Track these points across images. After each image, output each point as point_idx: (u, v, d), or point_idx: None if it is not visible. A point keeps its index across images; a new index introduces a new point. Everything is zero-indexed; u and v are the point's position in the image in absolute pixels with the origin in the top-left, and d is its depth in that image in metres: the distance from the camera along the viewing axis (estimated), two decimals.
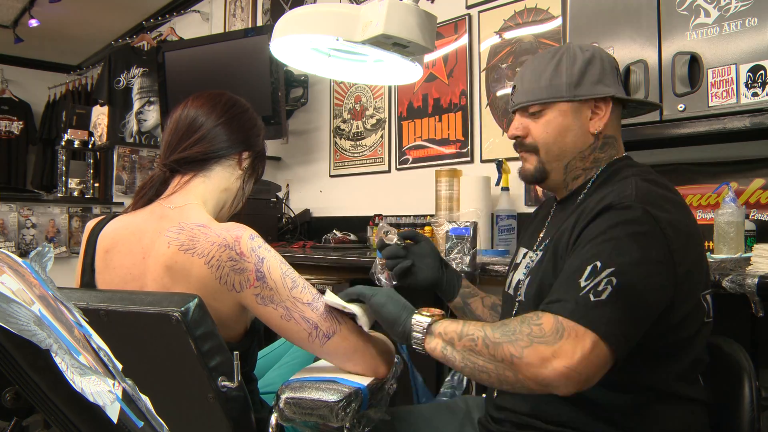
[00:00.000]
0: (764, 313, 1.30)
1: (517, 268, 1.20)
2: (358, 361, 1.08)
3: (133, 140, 4.17)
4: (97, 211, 3.89)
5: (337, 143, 3.45)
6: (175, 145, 1.22)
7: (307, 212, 3.55)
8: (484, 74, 2.63)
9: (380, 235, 1.26)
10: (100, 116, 4.42)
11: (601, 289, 0.85)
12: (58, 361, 0.48)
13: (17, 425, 0.60)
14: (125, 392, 0.53)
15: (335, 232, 3.09)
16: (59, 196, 4.09)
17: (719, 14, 1.57)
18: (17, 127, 6.40)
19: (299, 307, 1.05)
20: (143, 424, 0.54)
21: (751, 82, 1.51)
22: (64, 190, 4.18)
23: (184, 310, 0.96)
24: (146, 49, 4.39)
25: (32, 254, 0.59)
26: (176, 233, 1.08)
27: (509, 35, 2.56)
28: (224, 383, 1.00)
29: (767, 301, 1.31)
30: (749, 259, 1.51)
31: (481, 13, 2.69)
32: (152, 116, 4.23)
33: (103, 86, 4.26)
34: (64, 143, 4.31)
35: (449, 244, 1.95)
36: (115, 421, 0.50)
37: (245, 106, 1.29)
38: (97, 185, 4.48)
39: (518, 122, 1.14)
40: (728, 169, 1.91)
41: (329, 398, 0.97)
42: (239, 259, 1.04)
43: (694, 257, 0.95)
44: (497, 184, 2.32)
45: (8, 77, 6.50)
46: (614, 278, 0.85)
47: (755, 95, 1.50)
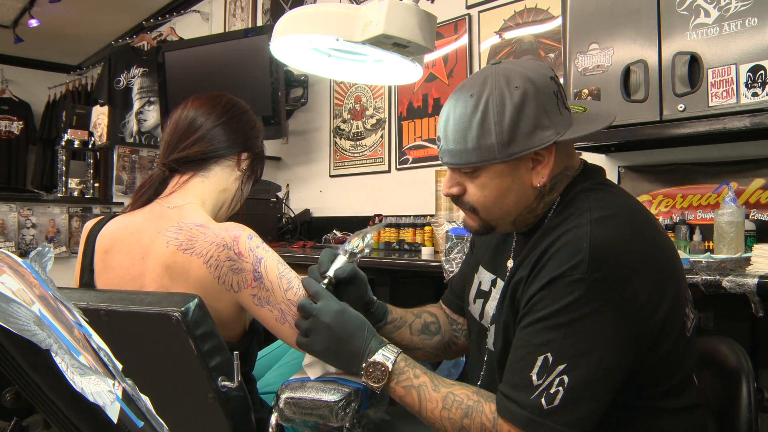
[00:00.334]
0: (764, 313, 1.30)
1: (488, 297, 1.12)
2: None
3: (133, 140, 4.17)
4: (97, 211, 3.90)
5: (337, 143, 3.45)
6: (174, 144, 1.22)
7: (307, 212, 3.55)
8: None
9: (350, 244, 1.12)
10: (100, 116, 4.43)
11: (553, 392, 0.84)
12: (58, 361, 0.48)
13: (17, 425, 0.60)
14: (125, 392, 0.53)
15: (335, 232, 3.09)
16: (59, 196, 4.09)
17: (719, 14, 1.57)
18: (17, 127, 6.40)
19: (293, 310, 1.05)
20: (143, 424, 0.54)
21: (751, 82, 1.51)
22: (64, 190, 4.19)
23: (184, 310, 0.96)
24: (146, 49, 4.39)
25: (32, 254, 0.59)
26: (175, 233, 1.08)
27: (509, 35, 2.56)
28: (224, 383, 1.00)
29: (767, 301, 1.31)
30: (749, 259, 1.51)
31: (481, 13, 2.69)
32: (152, 116, 4.23)
33: (103, 86, 4.26)
34: (64, 143, 4.31)
35: (449, 244, 1.95)
36: (115, 421, 0.50)
37: (245, 107, 1.29)
38: (97, 185, 4.49)
39: (452, 179, 1.02)
40: (728, 169, 1.91)
41: (329, 398, 0.97)
42: (237, 258, 1.04)
43: (671, 288, 0.90)
44: None
45: (8, 77, 6.50)
46: (566, 377, 0.84)
47: (755, 95, 1.50)
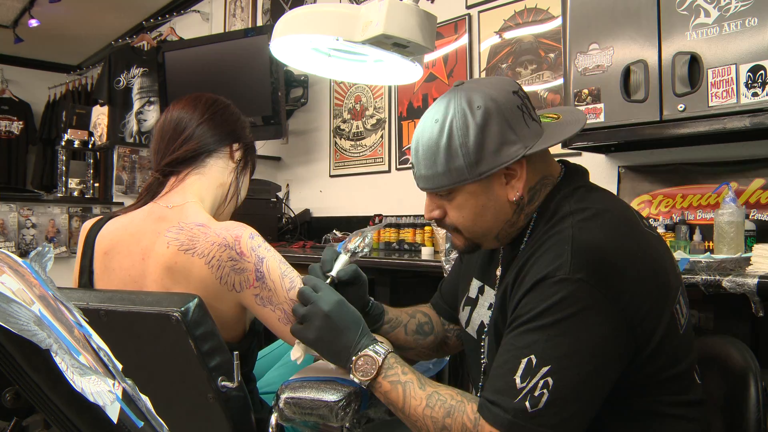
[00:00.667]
0: (764, 313, 1.30)
1: (475, 305, 1.13)
2: None
3: (133, 140, 4.17)
4: (97, 211, 3.90)
5: (337, 143, 3.45)
6: (163, 150, 1.22)
7: (307, 212, 3.55)
8: (484, 74, 2.63)
9: (350, 243, 1.13)
10: (100, 116, 4.42)
11: (537, 394, 0.83)
12: (58, 361, 0.48)
13: (17, 425, 0.60)
14: (125, 392, 0.53)
15: (335, 232, 3.09)
16: (59, 196, 4.09)
17: (719, 14, 1.57)
18: (17, 127, 6.40)
19: None
20: (143, 424, 0.54)
21: (751, 82, 1.51)
22: (64, 190, 4.19)
23: (184, 310, 0.96)
24: (146, 49, 4.39)
25: (32, 254, 0.59)
26: (176, 233, 1.08)
27: (509, 35, 2.56)
28: (224, 383, 1.00)
29: (767, 301, 1.31)
30: (749, 259, 1.51)
31: (481, 13, 2.69)
32: (152, 116, 4.23)
33: (103, 86, 4.26)
34: (64, 143, 4.31)
35: (449, 244, 1.95)
36: (115, 421, 0.50)
37: (226, 102, 1.30)
38: (97, 185, 4.49)
39: (431, 204, 1.05)
40: (728, 169, 1.91)
41: (329, 398, 0.97)
42: (239, 258, 1.04)
43: (655, 286, 0.90)
44: None
45: (8, 77, 6.50)
46: (551, 379, 0.83)
47: (755, 95, 1.50)
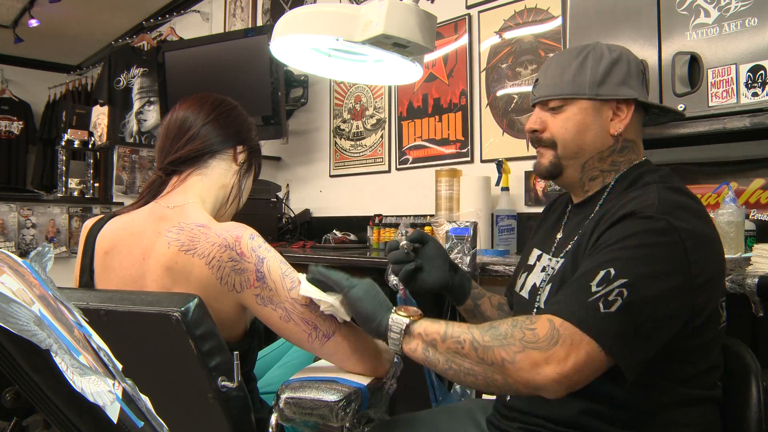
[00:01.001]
0: (764, 313, 1.30)
1: (531, 270, 1.17)
2: (357, 360, 1.08)
3: (133, 140, 4.17)
4: (97, 211, 3.90)
5: (337, 143, 3.45)
6: (168, 148, 1.22)
7: (307, 212, 3.55)
8: (484, 74, 2.63)
9: (396, 238, 1.25)
10: (100, 116, 4.42)
11: (612, 299, 0.83)
12: (58, 361, 0.48)
13: (17, 425, 0.60)
14: (125, 392, 0.53)
15: (335, 232, 3.09)
16: (59, 196, 4.09)
17: (719, 14, 1.57)
18: (17, 127, 6.40)
19: (298, 308, 1.05)
20: (143, 424, 0.54)
21: (751, 82, 1.51)
22: (64, 190, 4.18)
23: (184, 310, 0.96)
24: (146, 49, 4.39)
25: (32, 254, 0.59)
26: (176, 234, 1.08)
27: (509, 35, 2.56)
28: (224, 383, 1.00)
29: (767, 301, 1.31)
30: (749, 259, 1.51)
31: (481, 13, 2.69)
32: (152, 116, 4.23)
33: (103, 86, 4.26)
34: (64, 143, 4.31)
35: (449, 244, 1.95)
36: (115, 421, 0.50)
37: (233, 103, 1.30)
38: (97, 185, 4.49)
39: (537, 116, 1.12)
40: (728, 169, 1.91)
41: (329, 398, 0.97)
42: (240, 259, 1.04)
43: (713, 267, 0.93)
44: (497, 184, 2.32)
45: (8, 77, 6.50)
46: (626, 290, 0.83)
47: (755, 95, 1.50)
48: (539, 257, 1.17)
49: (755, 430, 0.99)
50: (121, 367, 0.56)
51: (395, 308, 0.99)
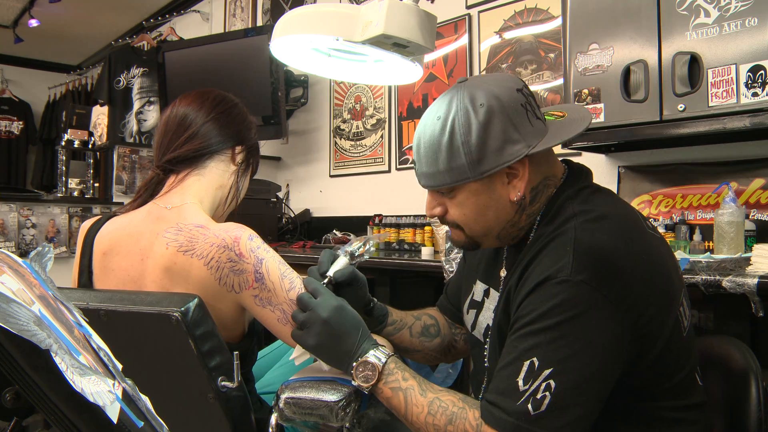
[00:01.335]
0: (764, 313, 1.30)
1: (480, 308, 1.13)
2: None
3: (133, 140, 4.17)
4: (97, 211, 3.90)
5: (337, 143, 3.45)
6: (166, 145, 1.21)
7: (307, 212, 3.55)
8: (484, 74, 2.63)
9: (345, 248, 1.12)
10: (100, 116, 4.42)
11: (540, 397, 0.82)
12: (58, 361, 0.48)
13: (17, 425, 0.60)
14: (125, 392, 0.53)
15: (335, 232, 3.09)
16: (59, 196, 4.09)
17: (719, 14, 1.57)
18: (17, 127, 6.40)
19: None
20: (143, 424, 0.54)
21: (751, 82, 1.51)
22: (64, 190, 4.18)
23: (184, 310, 0.96)
24: (146, 49, 4.39)
25: (32, 254, 0.59)
26: (174, 234, 1.08)
27: (509, 35, 2.56)
28: (224, 383, 1.00)
29: (767, 301, 1.31)
30: (749, 259, 1.51)
31: (481, 13, 2.69)
32: (152, 116, 4.23)
33: (103, 86, 4.26)
34: (64, 143, 4.31)
35: (449, 244, 1.95)
36: (115, 421, 0.50)
37: (234, 101, 1.28)
38: (97, 185, 4.49)
39: (433, 201, 1.04)
40: (728, 169, 1.91)
41: (329, 398, 0.97)
42: (238, 260, 1.04)
43: (657, 294, 0.89)
44: None
45: (8, 77, 6.50)
46: (553, 381, 0.82)
47: (755, 95, 1.50)
48: (486, 293, 1.12)
49: (755, 430, 0.99)
50: (121, 367, 0.56)
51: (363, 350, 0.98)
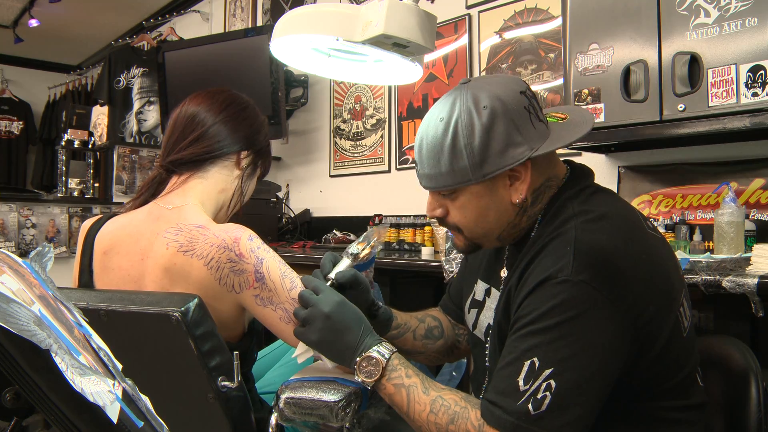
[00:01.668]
0: (764, 313, 1.30)
1: (482, 307, 1.13)
2: None
3: (133, 140, 4.17)
4: (96, 211, 3.90)
5: (337, 143, 3.45)
6: (171, 145, 1.20)
7: (307, 212, 3.55)
8: (484, 74, 2.63)
9: (350, 249, 1.12)
10: (100, 116, 4.43)
11: (540, 397, 0.83)
12: (58, 361, 0.48)
13: (17, 425, 0.60)
14: (125, 392, 0.53)
15: (335, 232, 3.09)
16: (59, 196, 4.09)
17: (719, 14, 1.57)
18: (17, 127, 6.40)
19: None
20: (143, 424, 0.54)
21: (751, 82, 1.51)
22: (64, 190, 4.19)
23: (184, 310, 0.96)
24: (146, 49, 4.39)
25: (32, 254, 0.59)
26: (174, 235, 1.08)
27: (509, 35, 2.56)
28: (224, 383, 1.00)
29: (767, 301, 1.31)
30: (749, 259, 1.51)
31: (481, 13, 2.69)
32: (152, 116, 4.24)
33: (103, 86, 4.26)
34: (64, 143, 4.31)
35: (449, 244, 1.96)
36: (115, 421, 0.50)
37: (244, 103, 1.26)
38: (97, 185, 4.49)
39: (434, 202, 1.03)
40: (728, 169, 1.91)
41: (329, 398, 0.97)
42: (238, 260, 1.04)
43: (657, 294, 0.90)
44: None
45: (8, 77, 6.50)
46: (553, 381, 0.82)
47: (755, 95, 1.50)
48: (488, 292, 1.12)
49: (755, 430, 0.99)
50: (121, 367, 0.56)
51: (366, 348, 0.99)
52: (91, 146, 4.34)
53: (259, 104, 1.32)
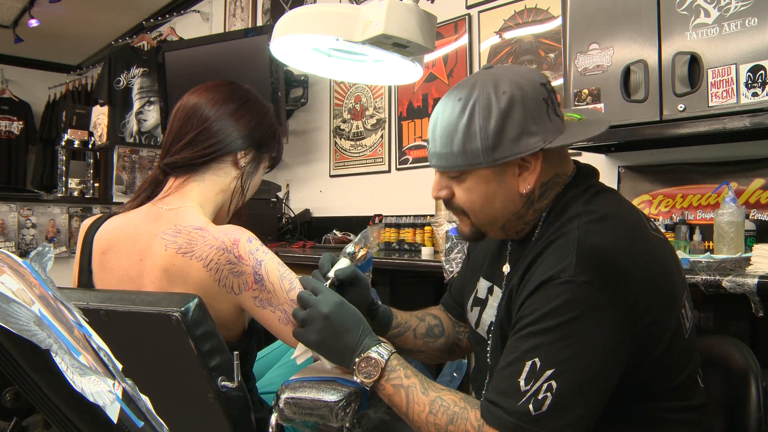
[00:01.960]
0: (764, 313, 1.30)
1: (484, 305, 1.13)
2: None
3: (133, 140, 4.17)
4: (96, 211, 3.90)
5: (337, 143, 3.45)
6: (168, 145, 1.19)
7: (307, 212, 3.55)
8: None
9: (347, 250, 1.12)
10: (100, 116, 4.43)
11: (541, 398, 0.82)
12: (58, 361, 0.48)
13: (17, 425, 0.60)
14: (125, 392, 0.53)
15: (335, 232, 3.09)
16: (59, 196, 4.09)
17: (719, 14, 1.57)
18: (17, 127, 6.40)
19: None
20: (143, 424, 0.54)
21: (751, 82, 1.51)
22: (64, 190, 4.19)
23: (184, 310, 0.96)
24: (146, 49, 4.39)
25: (32, 254, 0.59)
26: (173, 236, 1.07)
27: (509, 35, 2.56)
28: (224, 383, 1.00)
29: (767, 301, 1.31)
30: (749, 259, 1.51)
31: (481, 13, 2.69)
32: (152, 116, 4.24)
33: (103, 86, 4.26)
34: (64, 143, 4.31)
35: (449, 244, 1.96)
36: (115, 421, 0.50)
37: (245, 96, 1.23)
38: (97, 185, 4.49)
39: (441, 182, 1.03)
40: (728, 169, 1.91)
41: (329, 398, 0.97)
42: (237, 262, 1.04)
43: (659, 295, 0.90)
44: None
45: (8, 77, 6.50)
46: (554, 382, 0.82)
47: (755, 95, 1.50)
48: (490, 290, 1.12)
49: (755, 430, 0.99)
50: (121, 367, 0.56)
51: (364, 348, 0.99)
52: (91, 146, 4.34)
53: (257, 91, 1.31)
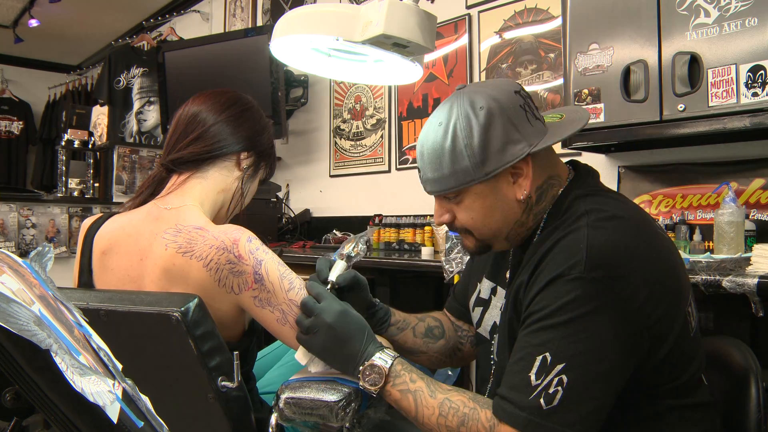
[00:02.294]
0: (764, 313, 1.30)
1: (488, 306, 1.14)
2: None
3: (133, 140, 4.17)
4: (96, 211, 3.90)
5: (337, 143, 3.45)
6: (172, 144, 1.20)
7: (307, 212, 3.56)
8: (484, 74, 2.63)
9: (346, 248, 1.12)
10: (100, 116, 4.43)
11: (552, 392, 0.83)
12: (58, 361, 0.48)
13: (17, 425, 0.60)
14: (125, 392, 0.53)
15: (335, 232, 3.09)
16: (59, 196, 4.09)
17: (719, 14, 1.57)
18: (17, 127, 6.40)
19: (295, 310, 1.05)
20: (143, 424, 0.54)
21: (751, 82, 1.51)
22: (64, 190, 4.19)
23: (184, 310, 0.96)
24: (146, 49, 4.39)
25: (32, 254, 0.59)
26: (173, 236, 1.07)
27: (509, 35, 2.56)
28: (224, 383, 1.00)
29: (767, 301, 1.32)
30: (749, 259, 1.51)
31: (481, 13, 2.69)
32: (152, 116, 4.24)
33: (103, 86, 4.26)
34: (64, 143, 4.31)
35: (449, 244, 1.96)
36: (115, 421, 0.50)
37: (248, 104, 1.26)
38: (97, 185, 4.49)
39: (441, 208, 1.05)
40: (728, 169, 1.91)
41: (329, 398, 0.97)
42: (237, 261, 1.04)
43: (666, 293, 0.90)
44: None
45: (8, 77, 6.50)
46: (565, 376, 0.83)
47: (755, 95, 1.50)
48: (493, 290, 1.13)
49: (755, 430, 0.99)
50: (121, 367, 0.56)
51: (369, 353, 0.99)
52: (91, 146, 4.34)
53: (259, 104, 1.32)
